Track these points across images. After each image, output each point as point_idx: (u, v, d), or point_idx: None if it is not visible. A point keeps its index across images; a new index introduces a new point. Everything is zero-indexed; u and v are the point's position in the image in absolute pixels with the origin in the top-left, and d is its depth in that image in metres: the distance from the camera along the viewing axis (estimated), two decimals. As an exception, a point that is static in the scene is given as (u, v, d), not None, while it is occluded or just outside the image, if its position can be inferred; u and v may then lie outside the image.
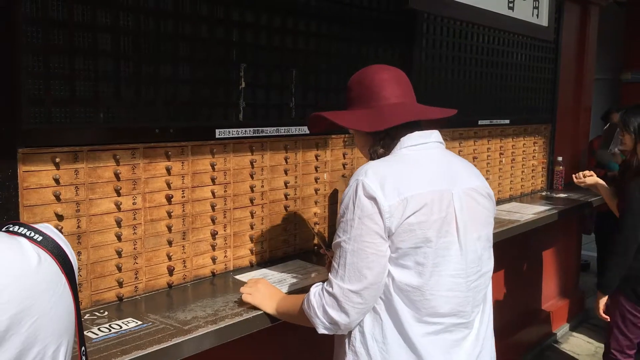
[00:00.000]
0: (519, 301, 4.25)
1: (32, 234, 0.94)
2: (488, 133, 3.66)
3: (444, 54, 3.15)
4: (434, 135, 1.67)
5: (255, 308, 1.76)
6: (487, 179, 3.66)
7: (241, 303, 1.79)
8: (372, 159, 1.69)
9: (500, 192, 3.86)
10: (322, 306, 1.55)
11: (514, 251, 3.97)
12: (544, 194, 4.30)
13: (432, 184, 1.55)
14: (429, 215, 1.51)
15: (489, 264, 1.68)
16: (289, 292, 1.92)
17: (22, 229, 0.94)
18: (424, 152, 1.63)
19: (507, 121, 3.83)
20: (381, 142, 1.66)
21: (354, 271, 1.50)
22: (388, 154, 1.65)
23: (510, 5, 2.90)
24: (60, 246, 0.95)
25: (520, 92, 3.96)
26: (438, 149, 1.66)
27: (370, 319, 1.56)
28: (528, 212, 3.54)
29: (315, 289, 1.60)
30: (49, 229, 0.97)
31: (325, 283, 1.57)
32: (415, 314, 1.53)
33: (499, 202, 3.81)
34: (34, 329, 0.86)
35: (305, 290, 1.94)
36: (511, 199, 3.98)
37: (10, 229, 0.94)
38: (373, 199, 1.49)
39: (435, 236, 1.52)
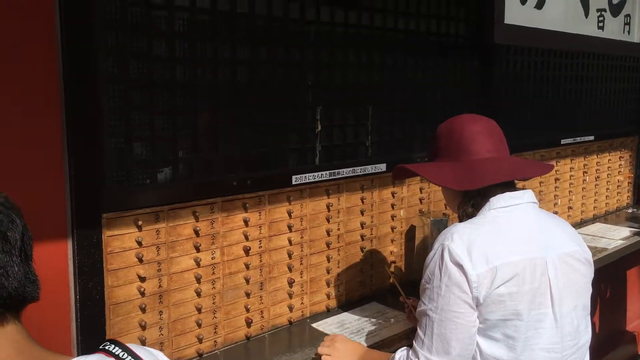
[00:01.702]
0: (601, 323, 4.03)
1: (125, 355, 0.92)
2: (571, 152, 3.46)
3: (524, 74, 2.99)
4: (527, 195, 1.56)
5: (335, 369, 1.72)
6: (569, 199, 3.49)
7: (320, 362, 1.75)
8: (460, 218, 1.60)
9: (584, 212, 3.66)
10: None
11: (595, 270, 3.76)
12: (630, 211, 4.04)
13: (524, 250, 1.45)
14: (520, 286, 1.42)
15: (587, 334, 1.56)
16: (370, 345, 1.86)
17: (116, 349, 0.93)
18: (515, 214, 1.53)
19: (592, 137, 3.61)
20: (472, 202, 1.57)
21: (441, 342, 1.43)
22: (477, 213, 1.57)
23: (600, 25, 2.70)
24: None
25: (604, 106, 3.73)
26: (531, 210, 1.56)
27: None
28: (615, 236, 3.33)
29: (399, 355, 1.54)
30: (146, 351, 0.95)
31: (410, 352, 1.51)
32: None
33: (582, 223, 3.61)
34: None
35: (385, 342, 1.89)
36: (595, 218, 3.76)
37: (107, 348, 0.94)
38: (460, 265, 1.41)
39: (527, 308, 1.42)
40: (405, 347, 1.56)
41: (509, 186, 1.58)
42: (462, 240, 1.44)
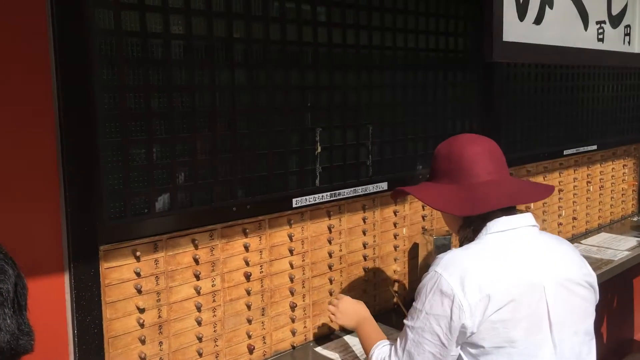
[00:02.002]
0: (609, 333, 3.99)
1: None
2: (574, 162, 3.43)
3: (525, 85, 2.96)
4: (526, 218, 1.53)
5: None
6: (574, 210, 3.46)
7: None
8: (461, 242, 1.58)
9: (589, 222, 3.62)
10: None
11: (602, 282, 3.72)
12: (635, 219, 4.00)
13: (521, 276, 1.43)
14: (514, 313, 1.39)
15: (589, 359, 1.52)
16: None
17: None
18: (513, 239, 1.50)
19: (595, 147, 3.58)
20: (472, 227, 1.54)
21: (408, 358, 1.48)
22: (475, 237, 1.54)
23: (600, 37, 2.67)
24: None
25: (607, 115, 3.69)
26: (530, 233, 1.52)
27: None
28: (620, 247, 3.29)
29: (379, 352, 1.63)
30: None
31: (389, 351, 1.56)
32: None
33: (587, 233, 3.58)
34: None
35: None
36: (600, 228, 3.72)
37: None
38: (449, 297, 1.39)
39: (523, 335, 1.39)
40: (389, 343, 1.64)
41: (510, 209, 1.55)
42: (456, 269, 1.42)
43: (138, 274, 1.60)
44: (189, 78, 1.67)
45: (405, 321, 1.51)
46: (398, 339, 1.54)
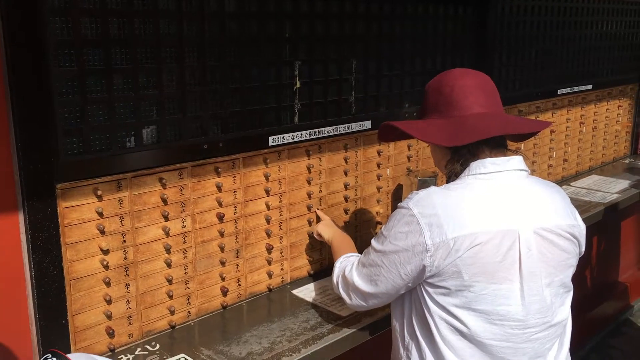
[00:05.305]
0: (594, 275, 4.00)
1: None
2: (568, 102, 3.32)
3: (520, 20, 2.81)
4: (513, 161, 1.44)
5: (313, 343, 1.64)
6: (565, 152, 3.37)
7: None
8: (448, 177, 1.50)
9: (579, 164, 3.55)
10: (339, 276, 1.67)
11: (589, 223, 3.68)
12: (627, 161, 3.94)
13: (493, 222, 1.36)
14: (479, 259, 1.33)
15: (563, 312, 1.46)
16: (351, 313, 1.79)
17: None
18: (494, 183, 1.42)
19: (590, 86, 3.46)
20: (460, 161, 1.46)
21: (366, 276, 1.51)
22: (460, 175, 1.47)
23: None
24: None
25: (604, 52, 3.56)
26: (516, 178, 1.44)
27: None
28: (611, 189, 3.23)
29: (346, 262, 1.68)
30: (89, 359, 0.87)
31: (354, 265, 1.58)
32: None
33: (577, 175, 3.51)
34: None
35: (370, 311, 1.81)
36: (591, 170, 3.66)
37: None
38: (414, 234, 1.37)
39: (485, 281, 1.34)
40: (356, 255, 1.68)
41: (500, 148, 1.46)
42: (427, 208, 1.38)
43: (100, 214, 1.51)
44: (153, 2, 1.52)
45: (372, 240, 1.51)
46: (363, 254, 1.55)
